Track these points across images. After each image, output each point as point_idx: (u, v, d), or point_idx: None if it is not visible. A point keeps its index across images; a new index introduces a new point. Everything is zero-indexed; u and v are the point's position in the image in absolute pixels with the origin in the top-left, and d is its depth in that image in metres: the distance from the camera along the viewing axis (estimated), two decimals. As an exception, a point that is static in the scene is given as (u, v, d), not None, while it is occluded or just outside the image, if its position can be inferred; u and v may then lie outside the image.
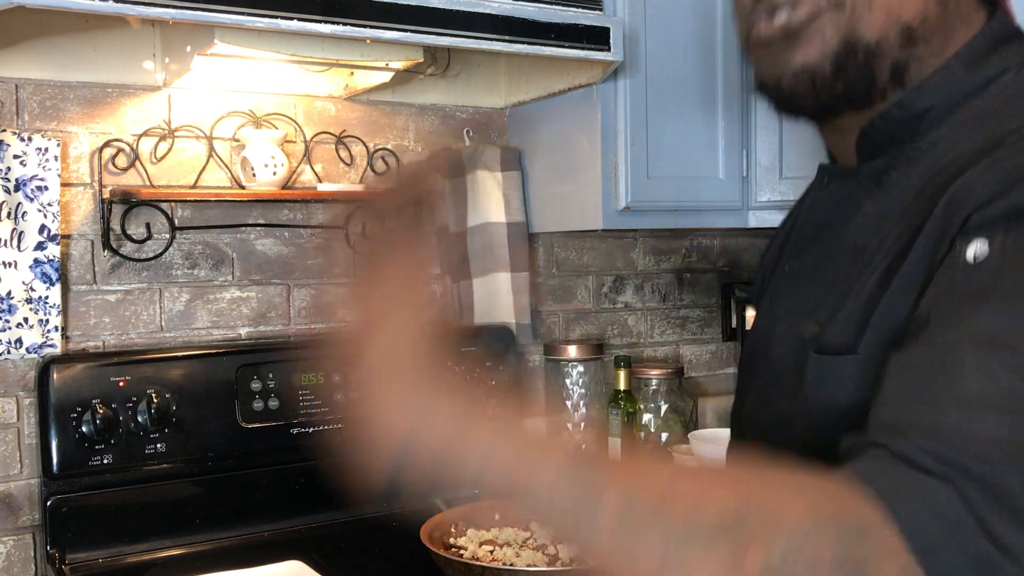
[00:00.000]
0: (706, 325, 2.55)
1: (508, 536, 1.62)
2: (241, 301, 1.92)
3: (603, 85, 1.88)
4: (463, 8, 1.55)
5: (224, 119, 1.86)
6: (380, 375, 0.69)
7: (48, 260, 1.68)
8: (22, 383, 1.71)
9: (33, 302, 1.67)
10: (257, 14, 1.38)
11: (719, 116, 2.02)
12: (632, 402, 2.14)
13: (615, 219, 1.93)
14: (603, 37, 1.69)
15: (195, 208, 1.86)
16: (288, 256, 1.96)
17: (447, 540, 1.58)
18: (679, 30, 1.96)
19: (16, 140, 1.65)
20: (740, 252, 2.60)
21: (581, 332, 2.35)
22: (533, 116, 2.13)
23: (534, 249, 2.25)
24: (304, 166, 1.95)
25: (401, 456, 0.68)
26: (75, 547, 1.63)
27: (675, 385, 2.25)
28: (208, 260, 1.88)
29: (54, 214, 1.68)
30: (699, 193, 2.01)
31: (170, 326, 1.85)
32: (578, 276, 2.34)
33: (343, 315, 0.70)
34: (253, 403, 1.77)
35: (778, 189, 2.05)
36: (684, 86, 1.97)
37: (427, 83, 2.09)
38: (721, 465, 0.73)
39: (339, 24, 1.45)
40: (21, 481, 1.71)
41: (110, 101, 1.78)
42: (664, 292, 2.48)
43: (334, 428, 1.82)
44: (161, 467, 1.69)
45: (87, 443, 1.61)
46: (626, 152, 1.90)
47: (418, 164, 0.78)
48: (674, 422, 2.22)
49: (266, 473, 1.79)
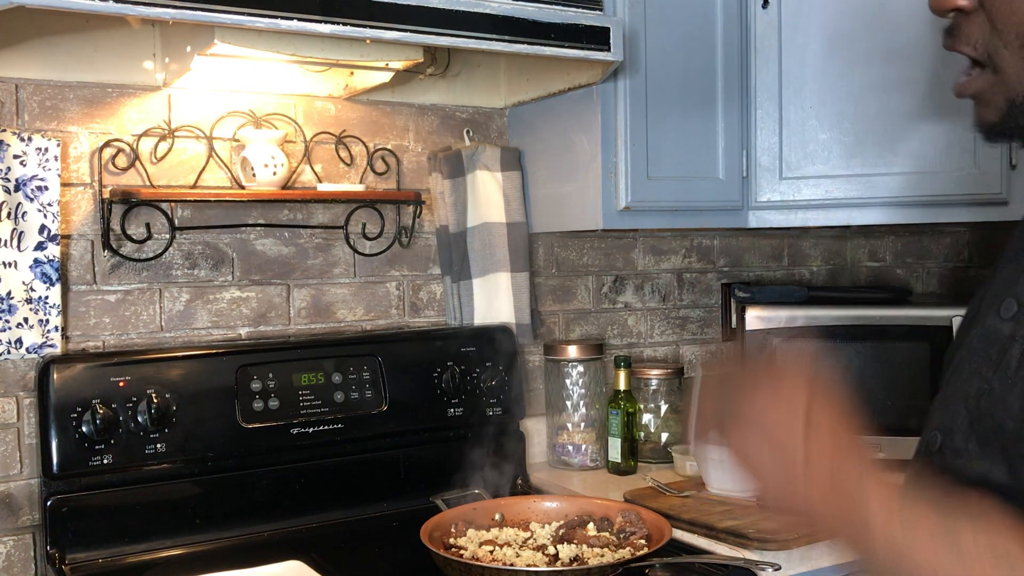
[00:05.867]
0: (706, 325, 2.55)
1: (508, 536, 1.62)
2: (241, 301, 1.92)
3: (603, 85, 1.88)
4: (463, 8, 1.55)
5: (224, 119, 1.86)
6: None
7: (48, 260, 1.68)
8: (22, 383, 1.71)
9: (33, 302, 1.67)
10: (257, 14, 1.38)
11: (719, 116, 2.02)
12: (632, 402, 2.14)
13: (615, 219, 1.93)
14: (603, 37, 1.69)
15: (195, 208, 1.86)
16: (288, 256, 1.96)
17: (447, 540, 1.58)
18: (679, 30, 1.96)
19: (16, 140, 1.65)
20: (740, 252, 2.60)
21: (581, 332, 2.35)
22: (533, 116, 2.13)
23: (534, 249, 2.25)
24: (304, 166, 1.95)
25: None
26: (75, 547, 1.63)
27: (675, 385, 2.25)
28: (208, 260, 1.88)
29: (54, 214, 1.68)
30: (699, 193, 2.01)
31: (170, 326, 1.85)
32: (578, 276, 2.34)
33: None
34: (253, 403, 1.77)
35: (778, 189, 2.05)
36: (684, 86, 1.97)
37: (427, 83, 2.09)
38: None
39: (339, 24, 1.44)
40: (21, 481, 1.71)
41: (110, 101, 1.78)
42: (664, 292, 2.48)
43: (335, 428, 1.83)
44: (161, 467, 1.69)
45: (87, 443, 1.61)
46: (626, 152, 1.90)
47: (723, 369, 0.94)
48: (674, 422, 2.22)
49: (266, 473, 1.79)
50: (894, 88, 1.98)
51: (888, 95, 1.98)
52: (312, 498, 1.83)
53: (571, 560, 1.50)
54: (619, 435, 2.11)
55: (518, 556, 1.51)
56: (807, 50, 2.02)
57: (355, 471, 1.88)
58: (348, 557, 1.67)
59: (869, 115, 2.00)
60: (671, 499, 1.84)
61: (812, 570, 1.64)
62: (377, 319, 2.07)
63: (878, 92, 1.99)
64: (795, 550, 1.61)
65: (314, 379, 1.83)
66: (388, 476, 1.91)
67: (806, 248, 2.72)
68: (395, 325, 2.09)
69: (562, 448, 2.18)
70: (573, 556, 1.52)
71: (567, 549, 1.53)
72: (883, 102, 1.99)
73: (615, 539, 1.58)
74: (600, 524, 1.65)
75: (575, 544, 1.56)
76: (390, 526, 1.84)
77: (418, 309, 2.12)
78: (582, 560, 1.51)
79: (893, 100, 1.98)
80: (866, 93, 1.99)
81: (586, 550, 1.54)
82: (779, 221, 2.09)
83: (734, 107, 2.03)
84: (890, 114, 1.99)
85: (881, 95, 1.99)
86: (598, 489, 1.99)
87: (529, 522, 1.69)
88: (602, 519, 1.66)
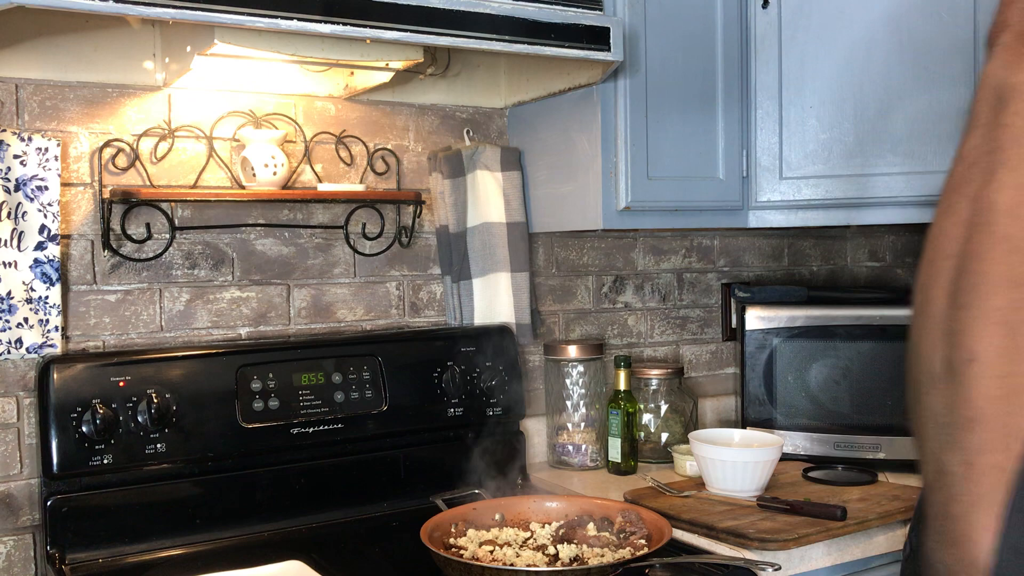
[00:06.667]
0: (706, 325, 2.55)
1: (508, 536, 1.62)
2: (241, 301, 1.92)
3: (603, 85, 1.89)
4: (463, 8, 1.55)
5: (224, 119, 1.86)
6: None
7: (48, 260, 1.68)
8: (22, 383, 1.71)
9: (33, 302, 1.67)
10: (257, 14, 1.38)
11: (719, 116, 2.02)
12: (632, 402, 2.14)
13: (615, 219, 1.93)
14: (603, 37, 1.69)
15: (195, 208, 1.86)
16: (288, 256, 1.96)
17: (447, 540, 1.58)
18: (679, 30, 1.96)
19: (16, 140, 1.65)
20: (740, 252, 2.60)
21: (581, 332, 2.35)
22: (533, 116, 2.13)
23: (534, 249, 2.25)
24: (304, 166, 1.95)
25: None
26: (75, 547, 1.63)
27: (675, 385, 2.25)
28: (208, 260, 1.88)
29: (54, 214, 1.68)
30: (699, 193, 2.01)
31: (170, 326, 1.85)
32: (578, 276, 2.34)
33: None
34: (253, 403, 1.77)
35: (778, 189, 2.05)
36: (684, 86, 1.97)
37: (427, 83, 2.09)
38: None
39: (339, 24, 1.45)
40: (21, 481, 1.71)
41: (110, 101, 1.78)
42: (664, 292, 2.48)
43: (335, 428, 1.83)
44: (161, 467, 1.69)
45: (87, 443, 1.61)
46: (626, 152, 1.90)
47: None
48: (674, 422, 2.22)
49: (266, 473, 1.79)
50: (894, 88, 1.98)
51: (888, 95, 1.98)
52: (312, 498, 1.83)
53: (571, 560, 1.50)
54: (619, 435, 2.11)
55: (518, 556, 1.51)
56: (807, 50, 2.02)
57: (355, 471, 1.88)
58: (348, 557, 1.67)
59: (869, 115, 2.00)
60: (671, 499, 1.84)
61: (812, 570, 1.64)
62: (377, 319, 2.07)
63: (878, 92, 1.99)
64: (795, 550, 1.61)
65: (314, 379, 1.83)
66: (388, 476, 1.92)
67: (806, 248, 2.72)
68: (395, 325, 2.09)
69: (562, 448, 2.18)
70: (573, 556, 1.52)
71: (567, 549, 1.53)
72: (883, 102, 1.99)
73: (615, 539, 1.58)
74: (600, 524, 1.65)
75: (575, 544, 1.56)
76: (390, 526, 1.84)
77: (418, 309, 2.12)
78: (582, 560, 1.51)
79: (893, 100, 1.98)
80: (866, 93, 2.00)
81: (586, 550, 1.54)
82: (779, 221, 2.09)
83: (734, 107, 2.03)
84: (890, 114, 1.99)
85: (881, 95, 1.99)
86: (598, 489, 1.99)
87: (529, 522, 1.69)
88: (602, 519, 1.66)
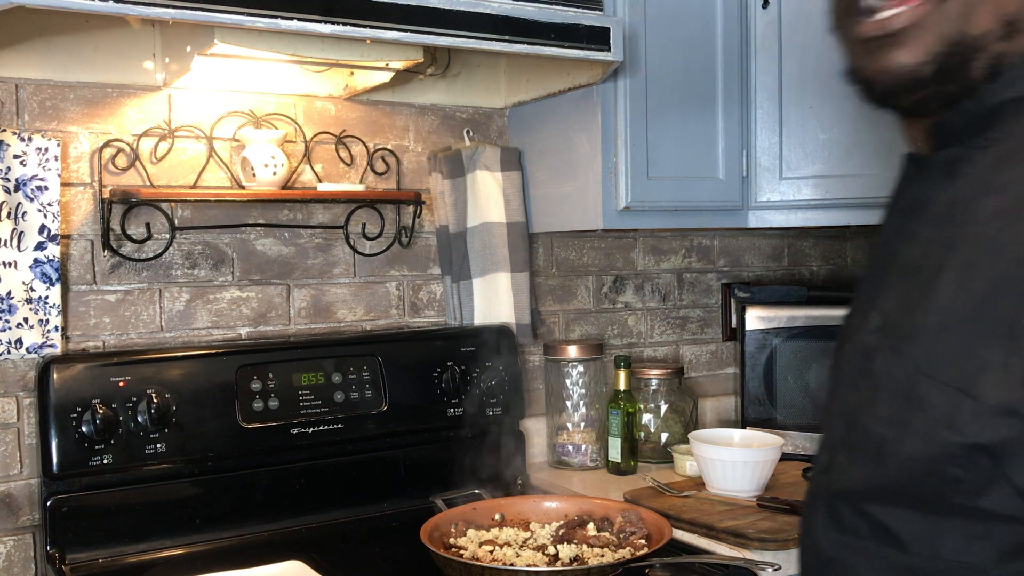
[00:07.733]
0: (706, 325, 2.55)
1: (508, 536, 1.62)
2: (241, 301, 1.92)
3: (603, 85, 1.88)
4: (463, 8, 1.55)
5: (224, 119, 1.86)
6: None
7: (48, 260, 1.68)
8: (22, 383, 1.71)
9: (33, 302, 1.67)
10: (257, 14, 1.38)
11: (719, 116, 2.02)
12: (632, 402, 2.14)
13: (615, 219, 1.93)
14: (603, 37, 1.69)
15: (195, 208, 1.86)
16: (288, 256, 1.96)
17: (447, 540, 1.58)
18: (679, 30, 1.96)
19: (16, 140, 1.65)
20: (740, 252, 2.60)
21: (581, 332, 2.35)
22: (533, 116, 2.13)
23: (534, 249, 2.25)
24: (304, 166, 1.95)
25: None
26: (75, 547, 1.63)
27: (675, 385, 2.25)
28: (208, 260, 1.88)
29: (54, 214, 1.68)
30: (699, 193, 2.01)
31: (170, 326, 1.85)
32: (578, 276, 2.34)
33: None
34: (253, 403, 1.77)
35: (778, 189, 2.05)
36: (684, 86, 1.97)
37: (427, 83, 2.09)
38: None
39: (339, 24, 1.44)
40: (21, 481, 1.71)
41: (110, 101, 1.78)
42: (664, 292, 2.48)
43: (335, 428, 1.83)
44: (161, 467, 1.69)
45: (87, 443, 1.61)
46: (626, 152, 1.90)
47: None
48: (674, 422, 2.22)
49: (266, 473, 1.79)
50: (894, 88, 1.98)
51: (888, 95, 1.98)
52: (312, 498, 1.83)
53: (571, 560, 1.50)
54: (619, 435, 2.11)
55: (518, 556, 1.51)
56: (807, 50, 2.02)
57: (355, 471, 1.88)
58: (348, 557, 1.67)
59: (869, 115, 2.00)
60: (671, 499, 1.84)
61: (812, 570, 1.63)
62: (377, 319, 2.07)
63: (878, 92, 1.99)
64: (795, 550, 1.60)
65: (314, 379, 1.83)
66: (388, 476, 1.91)
67: (806, 248, 2.72)
68: (395, 325, 2.09)
69: (562, 448, 2.18)
70: (573, 556, 1.52)
71: (567, 549, 1.53)
72: (883, 102, 1.99)
73: (615, 539, 1.58)
74: (600, 524, 1.65)
75: (575, 544, 1.56)
76: (390, 526, 1.84)
77: (418, 309, 2.12)
78: (582, 560, 1.51)
79: (893, 100, 1.98)
80: (866, 93, 1.99)
81: (586, 550, 1.54)
82: (779, 221, 2.09)
83: (734, 107, 2.03)
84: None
85: (881, 95, 1.99)
86: (598, 489, 1.99)
87: (529, 522, 1.69)
88: (602, 519, 1.66)
